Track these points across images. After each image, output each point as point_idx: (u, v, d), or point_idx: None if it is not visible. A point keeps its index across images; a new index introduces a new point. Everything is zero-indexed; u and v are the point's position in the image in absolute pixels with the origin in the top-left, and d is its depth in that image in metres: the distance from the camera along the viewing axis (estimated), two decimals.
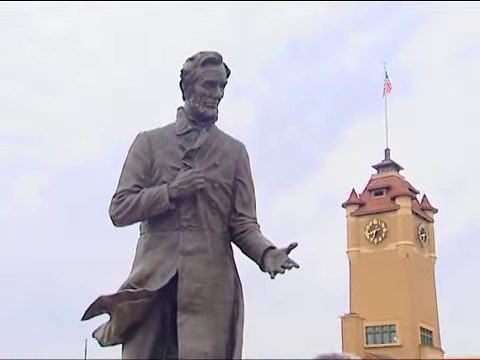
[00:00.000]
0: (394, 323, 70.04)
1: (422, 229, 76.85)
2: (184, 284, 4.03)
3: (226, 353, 3.96)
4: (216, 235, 4.21)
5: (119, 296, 4.03)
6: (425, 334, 72.88)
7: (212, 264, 4.12)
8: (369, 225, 76.40)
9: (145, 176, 4.26)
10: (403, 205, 75.35)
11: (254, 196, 4.43)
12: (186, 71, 4.36)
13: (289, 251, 3.91)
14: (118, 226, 4.30)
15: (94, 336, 4.24)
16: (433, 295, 76.35)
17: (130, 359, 4.03)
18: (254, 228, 4.27)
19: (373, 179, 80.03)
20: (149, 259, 4.14)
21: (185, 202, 4.18)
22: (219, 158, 4.32)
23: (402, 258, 73.65)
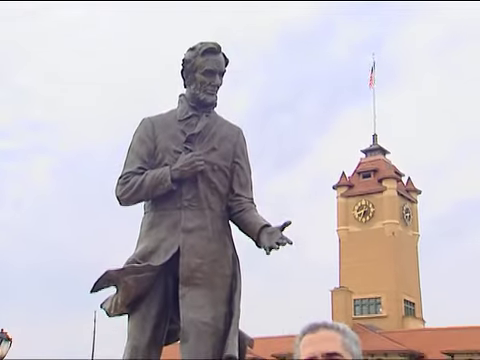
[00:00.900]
0: (380, 296, 70.41)
1: (407, 209, 77.11)
2: (185, 259, 4.03)
3: (224, 322, 3.97)
4: (215, 214, 4.21)
5: (125, 270, 4.03)
6: (408, 306, 73.31)
7: (211, 241, 4.12)
8: (358, 205, 76.63)
9: (149, 159, 4.26)
10: (389, 187, 75.58)
11: (250, 178, 4.43)
12: (187, 60, 4.36)
13: (283, 229, 3.92)
14: (124, 205, 4.30)
15: (102, 307, 4.25)
16: (416, 270, 76.72)
17: (135, 328, 4.04)
18: (251, 207, 4.27)
19: (361, 162, 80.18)
20: (153, 236, 4.15)
21: (186, 183, 4.17)
22: (218, 142, 4.31)
23: (388, 236, 73.96)
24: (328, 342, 1.80)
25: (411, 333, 64.54)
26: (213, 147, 4.28)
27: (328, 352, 1.77)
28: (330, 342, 1.80)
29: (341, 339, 1.82)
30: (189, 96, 4.38)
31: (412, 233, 77.47)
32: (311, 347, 1.80)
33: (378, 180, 76.33)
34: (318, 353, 1.78)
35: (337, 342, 1.81)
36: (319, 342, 1.80)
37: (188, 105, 4.37)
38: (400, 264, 73.03)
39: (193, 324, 3.89)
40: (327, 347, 1.78)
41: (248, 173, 4.40)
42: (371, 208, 75.69)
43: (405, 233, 75.70)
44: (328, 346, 1.78)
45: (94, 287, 4.09)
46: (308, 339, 1.83)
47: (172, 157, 4.21)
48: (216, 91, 4.37)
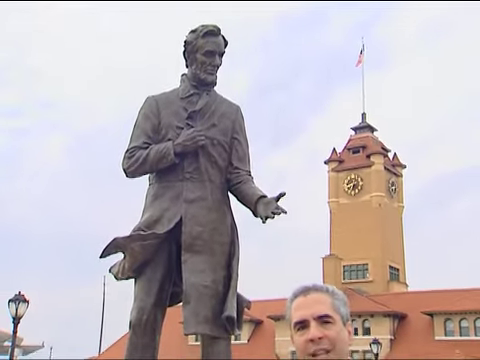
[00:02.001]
0: (367, 262, 70.87)
1: (392, 182, 77.26)
2: (187, 228, 4.03)
3: (224, 286, 3.97)
4: (215, 185, 4.19)
5: (131, 237, 4.03)
6: (393, 271, 73.80)
7: (211, 210, 4.11)
8: (347, 179, 76.77)
9: (153, 134, 4.24)
10: (376, 162, 75.69)
11: (248, 152, 4.41)
12: (189, 42, 4.33)
13: (278, 199, 3.91)
14: (130, 177, 4.29)
15: (111, 271, 4.26)
16: (400, 238, 77.11)
17: (141, 290, 4.04)
18: (248, 179, 4.26)
19: (351, 139, 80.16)
20: (157, 206, 4.13)
21: (188, 157, 4.16)
22: (218, 118, 4.29)
23: (375, 207, 74.20)
24: (318, 305, 1.78)
25: (395, 296, 65.06)
26: (213, 123, 4.26)
27: (319, 315, 1.76)
28: (320, 305, 1.78)
29: (331, 301, 1.80)
30: (190, 75, 4.36)
31: (397, 205, 77.76)
32: (303, 310, 1.78)
33: (366, 156, 76.41)
34: (309, 316, 1.76)
35: (327, 304, 1.79)
36: (310, 305, 1.78)
37: (190, 84, 4.34)
38: (386, 233, 73.39)
39: (194, 287, 3.89)
40: (318, 310, 1.77)
41: (246, 148, 4.38)
42: (360, 182, 75.85)
43: (391, 205, 75.97)
44: (319, 309, 1.77)
45: (103, 253, 4.09)
46: (299, 302, 1.81)
47: (175, 132, 4.19)
48: (216, 71, 4.35)
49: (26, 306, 16.64)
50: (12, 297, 16.54)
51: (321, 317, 1.75)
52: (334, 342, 1.74)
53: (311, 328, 1.75)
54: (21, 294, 16.67)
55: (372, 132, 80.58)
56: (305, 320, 1.76)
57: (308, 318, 1.76)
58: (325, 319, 1.76)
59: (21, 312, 16.49)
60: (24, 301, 16.58)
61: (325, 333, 1.74)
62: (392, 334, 59.59)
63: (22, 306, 16.51)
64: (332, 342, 1.74)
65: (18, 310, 16.41)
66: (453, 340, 56.56)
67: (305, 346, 1.75)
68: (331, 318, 1.77)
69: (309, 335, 1.74)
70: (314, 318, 1.76)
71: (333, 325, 1.77)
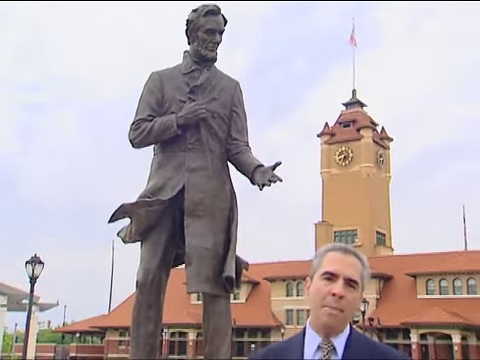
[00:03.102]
0: (356, 228, 71.29)
1: (380, 154, 77.30)
2: (189, 195, 4.01)
3: (223, 248, 3.97)
4: (215, 155, 4.17)
5: (138, 204, 4.01)
6: (380, 236, 74.28)
7: (212, 179, 4.09)
8: (338, 151, 76.78)
9: (157, 107, 4.20)
10: (366, 135, 75.64)
11: (246, 124, 4.37)
12: (191, 20, 4.28)
13: (274, 168, 3.89)
14: (136, 148, 4.26)
15: (118, 235, 4.25)
16: (387, 206, 77.40)
17: (147, 253, 4.04)
18: (246, 150, 4.24)
19: (342, 114, 79.97)
20: (161, 175, 4.11)
21: (190, 129, 4.12)
22: (218, 93, 4.25)
23: (364, 177, 74.36)
24: (352, 269, 1.81)
25: (382, 259, 65.56)
26: (213, 97, 4.22)
27: (350, 278, 1.79)
28: (354, 270, 1.81)
29: (361, 271, 1.83)
30: (192, 52, 4.31)
31: (385, 175, 77.90)
32: (339, 265, 1.80)
33: (356, 129, 76.34)
34: (342, 274, 1.78)
35: (359, 272, 1.82)
36: (347, 265, 1.80)
37: (191, 60, 4.30)
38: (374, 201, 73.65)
39: (196, 250, 3.89)
40: (351, 273, 1.79)
41: (244, 120, 4.35)
42: (350, 153, 75.89)
43: (379, 175, 76.11)
44: (351, 272, 1.79)
45: (111, 218, 4.08)
46: (338, 256, 1.82)
47: (177, 106, 4.16)
48: (216, 48, 4.30)
49: (41, 267, 16.73)
50: (29, 259, 16.63)
51: (350, 280, 1.78)
52: (349, 306, 1.77)
53: (338, 284, 1.77)
54: (37, 256, 16.76)
55: (362, 107, 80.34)
56: (337, 275, 1.78)
57: (340, 275, 1.78)
58: (351, 284, 1.79)
59: (37, 273, 16.59)
60: (40, 263, 16.67)
61: (346, 295, 1.76)
62: (378, 293, 60.17)
63: (38, 267, 16.60)
64: (347, 305, 1.76)
65: (34, 271, 16.51)
66: (433, 298, 57.17)
67: (325, 296, 1.77)
68: (356, 285, 1.80)
69: (335, 289, 1.76)
70: (345, 278, 1.78)
71: (355, 291, 1.79)
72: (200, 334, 5.42)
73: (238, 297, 63.16)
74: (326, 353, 1.72)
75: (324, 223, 67.61)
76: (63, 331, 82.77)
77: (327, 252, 1.86)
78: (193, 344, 63.17)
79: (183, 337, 64.71)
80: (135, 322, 3.98)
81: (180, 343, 65.33)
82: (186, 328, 62.71)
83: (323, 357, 1.72)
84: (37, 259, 16.64)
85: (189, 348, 63.68)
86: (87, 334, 78.00)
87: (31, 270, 16.46)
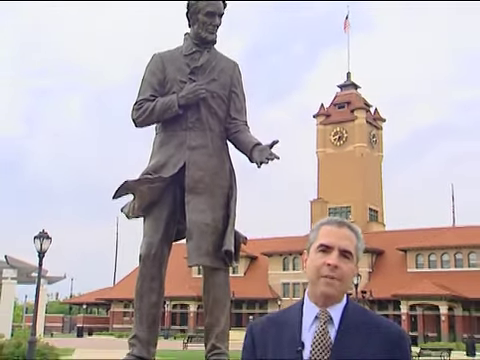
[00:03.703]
0: (350, 205, 71.45)
1: (373, 134, 77.18)
2: (190, 172, 3.99)
3: (222, 224, 3.96)
4: (215, 134, 4.14)
5: (140, 181, 4.00)
6: (372, 213, 74.51)
7: (212, 157, 4.07)
8: (333, 131, 76.65)
9: (159, 88, 4.17)
10: (359, 116, 75.45)
11: (245, 104, 4.34)
12: (191, 4, 4.24)
13: (272, 146, 3.87)
14: (138, 127, 4.23)
15: (122, 211, 4.24)
16: (379, 184, 77.51)
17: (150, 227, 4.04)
18: (245, 129, 4.21)
19: (337, 96, 79.66)
20: (163, 153, 4.09)
21: (191, 108, 4.09)
22: (217, 74, 4.21)
23: (358, 157, 74.34)
24: (347, 240, 1.80)
25: (374, 235, 65.83)
26: (213, 78, 4.18)
27: (344, 249, 1.78)
28: (348, 241, 1.80)
29: (356, 243, 1.82)
30: (193, 34, 4.26)
31: (377, 154, 77.87)
32: (333, 238, 1.79)
33: (350, 110, 76.13)
34: (336, 245, 1.77)
35: (353, 243, 1.81)
36: (340, 237, 1.79)
37: (192, 42, 4.25)
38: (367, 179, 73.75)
39: (196, 225, 3.88)
40: (345, 244, 1.78)
41: (243, 100, 4.32)
42: (344, 134, 75.78)
43: (372, 154, 76.08)
44: (346, 244, 1.79)
45: (115, 194, 4.06)
46: (332, 229, 1.82)
47: (178, 86, 4.12)
48: (216, 30, 4.25)
49: (49, 242, 16.77)
50: (37, 234, 16.67)
51: (344, 251, 1.77)
52: (343, 275, 1.76)
53: (333, 255, 1.77)
54: (45, 232, 16.78)
55: (356, 89, 80.00)
56: (331, 247, 1.77)
57: (334, 246, 1.77)
58: (346, 254, 1.78)
59: (45, 247, 16.63)
60: (47, 238, 16.71)
61: (341, 265, 1.76)
62: (370, 267, 60.56)
63: (46, 242, 16.64)
64: (342, 275, 1.76)
65: (42, 245, 16.55)
66: (423, 272, 57.60)
67: (321, 267, 1.76)
68: (351, 255, 1.79)
69: (329, 260, 1.75)
70: (339, 249, 1.77)
71: (349, 262, 1.79)
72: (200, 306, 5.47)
73: (237, 271, 63.53)
74: (323, 323, 1.72)
75: (319, 200, 67.76)
76: (70, 303, 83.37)
77: (322, 225, 1.85)
78: (194, 316, 63.73)
79: (184, 309, 65.26)
80: (139, 293, 4.00)
81: (182, 315, 65.90)
82: (187, 300, 63.21)
83: (320, 327, 1.72)
84: (45, 234, 16.68)
85: (190, 319, 64.27)
86: (93, 306, 78.60)
87: (39, 245, 16.51)
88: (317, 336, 1.70)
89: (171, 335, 55.80)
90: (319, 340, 1.70)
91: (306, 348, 1.69)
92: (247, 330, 1.85)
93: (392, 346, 1.70)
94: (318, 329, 1.71)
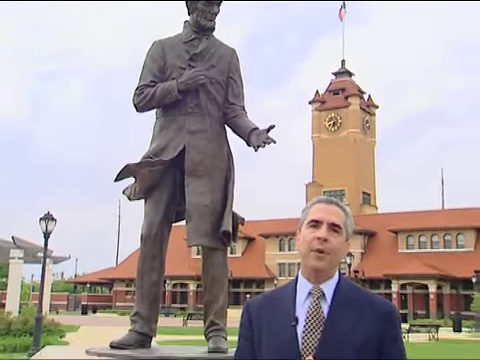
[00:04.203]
0: (343, 188, 71.59)
1: (366, 120, 77.08)
2: (190, 155, 3.97)
3: (221, 205, 3.95)
4: (213, 119, 4.11)
5: (141, 164, 3.98)
6: (365, 196, 74.69)
7: (211, 141, 4.04)
8: (328, 117, 76.54)
9: (159, 74, 4.13)
10: (353, 102, 75.29)
11: (243, 90, 4.30)
12: None
13: (269, 131, 3.84)
14: (139, 112, 4.20)
15: (124, 193, 4.23)
16: (372, 168, 77.61)
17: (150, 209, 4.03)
18: (242, 114, 4.18)
19: (332, 83, 79.38)
20: (163, 137, 4.07)
21: (190, 94, 4.06)
22: (216, 60, 4.17)
23: (351, 142, 74.32)
24: (335, 216, 1.80)
25: (366, 217, 66.06)
26: (212, 64, 4.14)
27: (333, 222, 1.78)
28: (337, 216, 1.80)
29: (344, 218, 1.82)
30: (192, 22, 4.21)
31: (370, 140, 77.84)
32: (322, 213, 1.80)
33: (345, 97, 75.92)
34: (325, 220, 1.78)
35: (342, 219, 1.81)
36: (329, 213, 1.80)
37: (191, 30, 4.21)
38: (360, 164, 73.80)
39: (196, 206, 3.87)
40: (333, 219, 1.79)
41: (241, 86, 4.28)
42: (339, 119, 75.65)
43: (365, 140, 76.06)
44: (334, 219, 1.79)
45: (117, 177, 4.05)
46: (322, 207, 1.82)
47: (178, 72, 4.09)
48: (214, 18, 4.21)
49: (54, 224, 16.78)
50: (42, 216, 16.68)
51: (333, 225, 1.78)
52: (333, 249, 1.76)
53: (322, 229, 1.77)
54: (50, 214, 16.79)
55: (350, 76, 79.71)
56: (321, 221, 1.78)
57: (323, 221, 1.78)
58: (335, 228, 1.78)
59: (50, 228, 16.65)
60: (52, 219, 16.71)
61: (331, 239, 1.76)
62: (363, 248, 60.82)
63: (51, 223, 16.65)
64: (332, 248, 1.76)
65: (47, 227, 16.56)
66: (413, 252, 57.92)
67: (311, 241, 1.77)
68: (340, 229, 1.79)
69: (318, 233, 1.76)
70: (328, 223, 1.78)
71: (338, 235, 1.79)
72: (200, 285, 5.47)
73: (235, 251, 63.74)
74: (316, 299, 1.73)
75: (314, 184, 67.80)
76: (75, 282, 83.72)
77: (312, 205, 1.86)
78: (193, 294, 64.10)
79: (184, 288, 65.60)
80: (140, 272, 4.00)
81: (181, 293, 66.27)
82: (187, 280, 63.51)
83: (313, 302, 1.72)
84: (50, 216, 16.68)
85: (190, 298, 64.65)
86: (97, 285, 78.94)
87: (45, 226, 16.52)
88: (310, 311, 1.71)
89: (171, 313, 56.17)
90: (312, 315, 1.70)
91: (300, 323, 1.70)
92: (244, 308, 1.85)
93: (383, 322, 1.70)
94: (311, 304, 1.72)
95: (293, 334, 1.68)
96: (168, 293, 63.54)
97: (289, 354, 1.66)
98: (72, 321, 31.01)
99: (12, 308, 25.94)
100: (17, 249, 29.60)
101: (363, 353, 1.64)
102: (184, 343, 14.47)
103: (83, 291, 78.52)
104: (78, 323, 29.98)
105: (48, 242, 16.88)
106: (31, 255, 30.45)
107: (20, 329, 17.71)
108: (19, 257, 29.87)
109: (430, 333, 27.48)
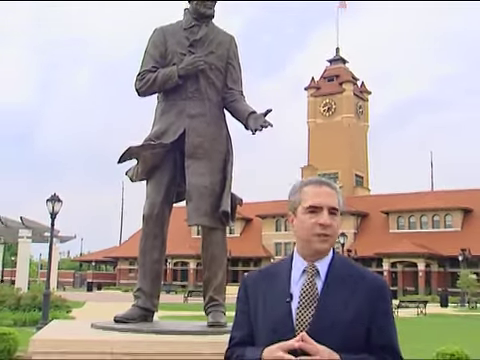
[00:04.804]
0: (337, 171, 71.60)
1: (360, 106, 76.88)
2: (190, 138, 3.95)
3: (220, 186, 3.94)
4: (213, 103, 4.09)
5: (143, 146, 3.96)
6: (358, 179, 74.75)
7: (210, 124, 4.02)
8: (323, 103, 76.29)
9: (160, 60, 4.10)
10: (347, 89, 75.01)
11: (241, 75, 4.27)
12: None
13: (266, 115, 3.82)
14: (141, 96, 4.17)
15: (127, 174, 4.21)
16: (365, 152, 77.59)
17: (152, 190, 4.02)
18: (241, 98, 4.15)
19: (327, 70, 78.99)
20: (164, 121, 4.04)
21: (190, 79, 4.03)
22: (215, 46, 4.13)
23: (345, 126, 74.18)
24: (331, 198, 1.77)
25: (359, 198, 66.20)
26: (211, 50, 4.11)
27: (332, 206, 1.76)
28: (332, 198, 1.78)
29: (337, 197, 1.80)
30: (192, 10, 4.17)
31: (363, 124, 77.71)
32: (320, 198, 1.76)
33: (339, 83, 75.62)
34: (324, 205, 1.75)
35: (335, 199, 1.79)
36: (325, 196, 1.77)
37: (191, 17, 4.16)
38: (353, 147, 73.77)
39: (196, 188, 3.86)
40: (331, 202, 1.76)
41: (239, 71, 4.25)
42: (333, 105, 75.43)
43: (358, 124, 75.92)
44: (331, 201, 1.76)
45: (120, 159, 4.03)
46: (315, 190, 1.78)
47: (178, 58, 4.05)
48: (213, 5, 4.17)
49: (60, 205, 16.78)
50: (49, 197, 16.68)
51: (332, 209, 1.76)
52: (335, 231, 1.76)
53: (324, 215, 1.75)
54: (56, 195, 16.78)
55: (344, 64, 79.29)
56: (321, 207, 1.75)
57: (323, 206, 1.75)
58: (333, 211, 1.76)
59: (57, 209, 16.65)
60: (58, 200, 16.71)
61: (332, 222, 1.75)
62: (356, 228, 61.05)
63: (57, 204, 16.65)
64: (333, 231, 1.76)
65: (54, 207, 16.57)
66: (403, 232, 58.20)
67: (313, 227, 1.74)
68: (337, 211, 1.77)
69: (321, 220, 1.74)
70: (328, 208, 1.75)
71: (336, 217, 1.78)
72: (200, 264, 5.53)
73: (233, 232, 63.94)
74: (310, 276, 1.73)
75: (309, 167, 67.79)
76: (80, 260, 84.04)
77: (303, 187, 1.81)
78: (193, 272, 64.46)
79: (185, 266, 65.94)
80: (142, 251, 4.00)
81: (182, 271, 66.63)
82: (187, 259, 63.81)
83: (308, 280, 1.72)
84: (56, 197, 16.67)
85: (190, 276, 65.02)
86: (101, 263, 79.26)
87: (51, 207, 16.52)
88: (304, 288, 1.71)
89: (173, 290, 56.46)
90: (306, 292, 1.70)
91: (294, 299, 1.70)
92: (241, 282, 1.85)
93: (375, 297, 1.71)
94: (306, 282, 1.72)
95: (288, 310, 1.68)
96: (169, 271, 63.87)
97: (284, 329, 1.66)
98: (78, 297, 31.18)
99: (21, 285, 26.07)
100: (25, 229, 29.65)
101: (355, 328, 1.65)
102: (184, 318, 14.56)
103: (88, 269, 78.87)
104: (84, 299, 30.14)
105: (55, 222, 16.90)
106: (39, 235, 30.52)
107: (29, 304, 17.83)
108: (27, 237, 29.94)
109: (418, 308, 27.73)
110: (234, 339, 1.79)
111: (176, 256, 62.28)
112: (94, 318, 4.37)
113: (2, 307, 17.33)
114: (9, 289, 20.99)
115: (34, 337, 3.29)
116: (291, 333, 1.64)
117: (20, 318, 15.44)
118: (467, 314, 28.68)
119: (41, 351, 3.15)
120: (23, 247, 30.33)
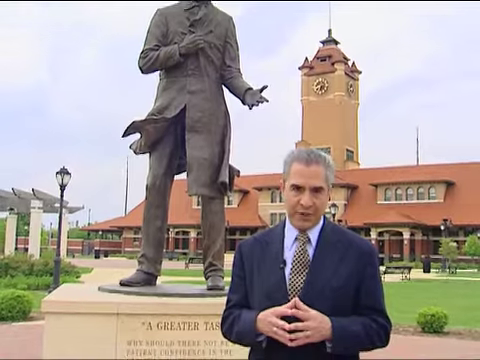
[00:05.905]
0: (329, 146, 71.55)
1: (351, 85, 76.40)
2: (190, 113, 3.93)
3: (218, 158, 3.93)
4: (212, 80, 4.05)
5: (146, 121, 3.94)
6: (349, 153, 74.76)
7: (209, 100, 3.99)
8: (316, 82, 75.76)
9: (162, 39, 4.05)
10: (339, 68, 74.44)
11: (238, 53, 4.22)
12: None
13: (262, 91, 3.79)
14: (144, 73, 4.13)
15: (131, 147, 4.20)
16: (355, 128, 77.43)
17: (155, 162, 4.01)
18: (238, 75, 4.12)
19: (320, 50, 78.25)
20: (166, 96, 4.01)
21: (190, 57, 3.99)
22: (214, 26, 4.08)
23: (337, 104, 73.84)
24: (316, 178, 1.70)
25: (350, 172, 66.30)
26: (210, 30, 4.06)
27: (315, 186, 1.69)
28: (317, 178, 1.70)
29: (324, 173, 1.72)
30: None
31: (354, 102, 77.36)
32: (302, 179, 1.69)
33: (331, 63, 75.00)
34: (306, 185, 1.69)
35: (322, 177, 1.71)
36: (309, 176, 1.69)
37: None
38: (344, 124, 73.61)
39: (196, 159, 3.85)
40: (314, 182, 1.69)
41: (237, 50, 4.21)
42: (325, 84, 74.94)
43: (349, 102, 75.57)
44: (315, 182, 1.69)
45: (124, 133, 4.01)
46: (300, 169, 1.71)
47: (180, 38, 4.01)
48: None
49: (69, 177, 16.76)
50: (58, 170, 16.65)
51: (315, 188, 1.70)
52: (317, 209, 1.71)
53: (305, 196, 1.69)
54: (65, 168, 16.75)
55: (336, 45, 78.50)
56: (302, 187, 1.69)
57: (305, 186, 1.69)
58: (317, 190, 1.70)
59: (66, 181, 16.64)
60: (67, 173, 16.69)
61: (314, 201, 1.70)
62: (346, 200, 61.31)
63: (66, 177, 16.63)
64: (316, 209, 1.71)
65: (63, 180, 16.55)
66: (390, 204, 58.50)
67: (295, 204, 1.70)
68: (322, 189, 1.71)
69: (302, 201, 1.69)
70: (310, 188, 1.69)
71: (321, 195, 1.71)
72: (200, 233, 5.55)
73: (231, 203, 64.19)
74: (302, 244, 1.71)
75: (303, 142, 67.69)
76: (88, 230, 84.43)
77: (293, 162, 1.74)
78: (194, 241, 64.92)
79: (186, 235, 66.37)
80: (146, 219, 4.01)
81: (183, 240, 67.08)
82: (188, 228, 64.18)
83: (299, 247, 1.71)
84: (65, 170, 16.65)
85: (191, 244, 65.50)
86: (108, 232, 79.66)
87: (61, 179, 16.50)
88: (297, 255, 1.70)
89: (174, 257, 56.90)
90: (298, 259, 1.69)
91: (287, 266, 1.69)
92: (237, 248, 1.84)
93: (364, 261, 1.70)
94: (298, 249, 1.70)
95: (281, 276, 1.68)
96: (171, 240, 64.28)
97: (277, 294, 1.66)
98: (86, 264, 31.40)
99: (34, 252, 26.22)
100: (37, 200, 29.68)
101: (344, 291, 1.64)
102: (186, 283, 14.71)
103: (96, 238, 79.33)
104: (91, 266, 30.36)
105: (64, 194, 16.91)
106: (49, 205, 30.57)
107: (41, 270, 17.97)
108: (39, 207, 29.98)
109: (403, 274, 28.05)
110: (231, 301, 1.79)
111: (178, 226, 62.59)
112: (101, 282, 4.40)
113: (17, 272, 17.46)
114: (23, 256, 21.10)
115: (46, 298, 3.32)
116: (285, 298, 1.64)
117: (33, 282, 15.58)
118: (447, 278, 29.07)
119: (53, 311, 3.18)
120: (35, 217, 30.41)
